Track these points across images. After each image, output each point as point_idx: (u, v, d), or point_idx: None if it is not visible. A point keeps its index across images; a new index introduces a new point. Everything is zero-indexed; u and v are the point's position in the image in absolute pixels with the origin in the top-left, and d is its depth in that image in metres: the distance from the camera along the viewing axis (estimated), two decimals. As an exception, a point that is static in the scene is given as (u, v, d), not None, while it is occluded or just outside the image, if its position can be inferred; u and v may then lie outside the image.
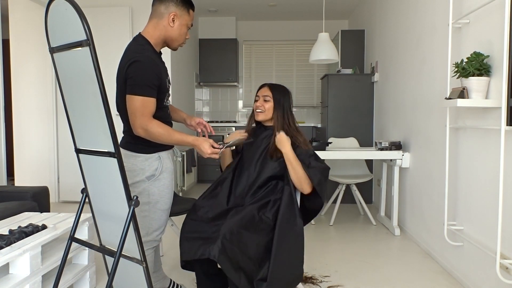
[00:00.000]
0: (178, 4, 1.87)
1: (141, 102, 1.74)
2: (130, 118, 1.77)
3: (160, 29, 1.87)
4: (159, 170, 1.91)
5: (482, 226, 2.32)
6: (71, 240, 1.79)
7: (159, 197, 1.93)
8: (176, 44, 1.95)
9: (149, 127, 1.75)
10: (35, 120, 4.90)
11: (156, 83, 1.80)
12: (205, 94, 6.91)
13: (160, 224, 1.98)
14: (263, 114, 2.11)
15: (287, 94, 2.15)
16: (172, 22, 1.86)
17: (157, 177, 1.91)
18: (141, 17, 4.69)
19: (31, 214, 2.52)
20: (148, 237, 1.93)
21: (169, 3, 1.86)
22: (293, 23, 6.73)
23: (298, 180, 2.03)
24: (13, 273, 1.90)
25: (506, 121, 2.01)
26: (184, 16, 1.89)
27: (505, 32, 1.99)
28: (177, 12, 1.86)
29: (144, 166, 1.89)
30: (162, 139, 1.80)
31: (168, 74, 1.97)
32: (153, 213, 1.93)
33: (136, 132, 1.77)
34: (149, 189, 1.90)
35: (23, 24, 4.85)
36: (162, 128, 1.78)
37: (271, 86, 2.13)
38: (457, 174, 2.62)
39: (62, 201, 4.92)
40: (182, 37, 1.93)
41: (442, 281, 2.63)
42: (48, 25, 1.57)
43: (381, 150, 3.64)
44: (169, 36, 1.90)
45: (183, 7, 1.88)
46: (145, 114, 1.75)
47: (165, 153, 1.95)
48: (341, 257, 3.06)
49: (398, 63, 3.90)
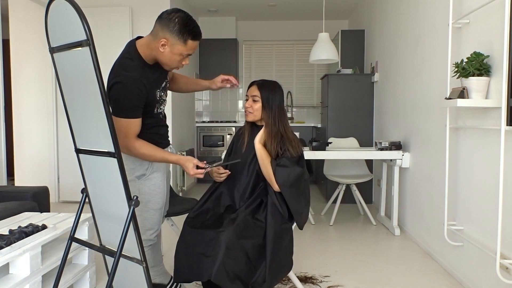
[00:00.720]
0: (173, 31, 1.72)
1: (124, 123, 1.75)
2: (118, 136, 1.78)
3: (151, 49, 1.78)
4: (150, 169, 1.93)
5: (482, 226, 2.32)
6: (71, 240, 1.79)
7: (150, 197, 1.94)
8: (167, 68, 1.87)
9: (131, 149, 1.80)
10: (35, 120, 4.90)
11: (140, 104, 1.77)
12: (205, 94, 6.91)
13: (153, 223, 1.99)
14: (252, 115, 2.06)
15: (277, 91, 2.05)
16: (162, 48, 1.75)
17: (148, 177, 1.93)
18: (141, 17, 4.69)
19: (31, 214, 2.52)
20: (142, 236, 1.92)
21: (165, 28, 1.73)
22: (293, 23, 6.73)
23: (267, 178, 2.00)
24: (13, 273, 1.90)
25: (506, 121, 2.01)
26: (178, 46, 1.75)
27: (505, 32, 1.99)
28: (170, 40, 1.73)
29: (135, 165, 1.91)
30: (146, 159, 1.85)
31: (165, 77, 1.95)
32: (145, 212, 1.95)
33: (121, 151, 1.75)
34: (140, 188, 1.92)
35: (23, 24, 4.85)
36: (145, 148, 1.82)
37: (260, 84, 2.05)
38: (457, 174, 2.62)
39: (62, 201, 4.92)
40: (173, 64, 1.82)
41: (442, 281, 2.63)
42: (48, 25, 1.57)
43: (381, 150, 3.64)
44: (159, 59, 1.81)
45: (178, 36, 1.73)
46: (128, 136, 1.77)
47: None
48: (341, 257, 3.06)
49: (398, 63, 3.90)
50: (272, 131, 2.02)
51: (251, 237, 1.87)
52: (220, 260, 1.73)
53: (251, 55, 6.82)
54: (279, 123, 2.03)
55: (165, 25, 1.73)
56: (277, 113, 2.03)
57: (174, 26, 1.72)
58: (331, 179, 4.10)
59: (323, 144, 3.69)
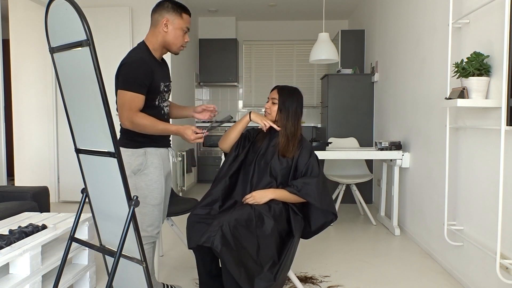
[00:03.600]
0: (169, 10, 1.98)
1: (130, 97, 1.87)
2: (119, 112, 1.89)
3: (156, 36, 2.00)
4: (144, 164, 2.00)
5: (482, 226, 2.32)
6: (71, 240, 1.79)
7: (147, 192, 2.00)
8: (174, 47, 2.05)
9: (134, 119, 1.88)
10: (35, 120, 4.90)
11: (146, 82, 1.91)
12: (205, 94, 6.91)
13: (153, 219, 2.04)
14: (270, 116, 2.24)
15: (295, 96, 2.21)
16: (165, 27, 1.98)
17: (143, 172, 1.99)
18: (141, 17, 4.70)
19: (31, 214, 2.52)
20: (143, 232, 1.98)
21: (162, 10, 1.99)
22: (293, 23, 6.73)
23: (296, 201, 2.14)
24: (13, 273, 1.90)
25: (506, 121, 2.01)
26: (177, 20, 1.99)
27: (505, 32, 1.99)
28: (169, 18, 1.98)
29: (131, 160, 1.98)
30: (147, 130, 1.92)
31: (168, 79, 2.08)
32: (143, 208, 1.99)
33: (124, 124, 1.90)
34: (137, 183, 1.98)
35: (23, 24, 4.85)
36: (147, 119, 1.90)
37: (280, 89, 2.23)
38: (457, 174, 2.62)
39: (62, 201, 4.92)
40: (178, 40, 2.02)
41: (442, 281, 2.63)
42: (48, 25, 1.57)
43: (381, 150, 3.64)
44: (165, 41, 2.02)
45: (174, 12, 1.98)
46: (132, 108, 1.88)
47: (153, 149, 2.03)
48: (341, 257, 3.06)
49: (398, 63, 3.90)
50: (289, 132, 2.17)
51: (253, 229, 1.95)
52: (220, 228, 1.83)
53: (251, 55, 6.82)
54: (293, 125, 2.18)
55: (160, 9, 1.99)
56: (292, 116, 2.18)
57: (168, 6, 1.98)
58: (331, 179, 4.10)
59: (323, 144, 3.69)
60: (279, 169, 2.15)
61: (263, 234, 1.96)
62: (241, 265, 1.82)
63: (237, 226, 1.88)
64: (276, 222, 2.01)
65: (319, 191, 2.09)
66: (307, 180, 2.10)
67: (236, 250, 1.83)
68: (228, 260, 1.79)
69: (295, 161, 2.16)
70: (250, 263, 1.86)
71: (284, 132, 2.17)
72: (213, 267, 2.08)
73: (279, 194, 2.09)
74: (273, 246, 1.97)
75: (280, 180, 2.16)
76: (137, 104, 1.89)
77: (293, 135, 2.17)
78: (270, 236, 1.97)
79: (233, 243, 1.83)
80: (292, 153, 2.15)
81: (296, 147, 2.17)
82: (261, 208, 2.03)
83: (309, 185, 2.08)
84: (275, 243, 1.98)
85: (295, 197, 2.10)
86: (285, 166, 2.15)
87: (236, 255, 1.82)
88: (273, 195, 2.08)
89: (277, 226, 2.01)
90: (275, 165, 2.16)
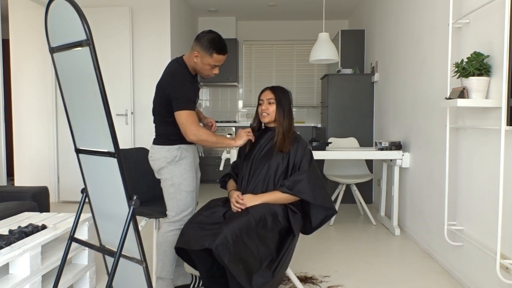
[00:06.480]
0: (202, 45, 2.16)
1: (187, 114, 2.10)
2: (182, 129, 2.11)
3: (190, 60, 2.23)
4: (178, 156, 2.23)
5: (482, 226, 2.32)
6: (71, 240, 1.79)
7: (181, 179, 2.22)
8: (202, 75, 2.28)
9: (198, 135, 2.11)
10: (35, 120, 4.90)
11: (194, 99, 2.17)
12: (205, 94, 6.91)
13: (187, 204, 2.23)
14: (269, 117, 2.26)
15: (286, 94, 2.28)
16: (196, 58, 2.19)
17: (177, 162, 2.22)
18: (141, 17, 4.69)
19: (31, 214, 2.52)
20: (176, 217, 2.21)
21: (197, 43, 2.19)
22: (293, 23, 6.73)
23: (291, 201, 2.16)
24: (13, 273, 1.90)
25: (506, 121, 2.01)
26: (206, 58, 2.18)
27: (505, 32, 1.99)
28: (200, 52, 2.17)
29: (167, 154, 2.22)
30: (207, 143, 2.16)
31: (198, 95, 2.32)
32: (178, 194, 2.21)
33: (189, 138, 2.12)
34: (172, 172, 2.21)
35: (23, 24, 4.85)
36: (208, 135, 2.15)
37: (272, 88, 2.28)
38: (457, 174, 2.62)
39: (62, 201, 4.92)
40: (205, 72, 2.24)
41: (442, 281, 2.63)
42: (48, 25, 1.57)
43: (381, 150, 3.64)
44: (194, 67, 2.24)
45: (205, 50, 2.16)
46: (193, 123, 2.11)
47: (185, 146, 2.25)
48: (341, 257, 3.06)
49: (398, 63, 3.90)
50: (285, 128, 2.22)
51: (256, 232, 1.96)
52: (224, 234, 1.83)
53: (251, 55, 6.82)
54: (288, 121, 2.25)
55: (198, 41, 2.19)
56: (287, 113, 2.24)
57: (204, 43, 2.16)
58: (331, 179, 4.10)
59: (323, 144, 3.69)
60: (275, 164, 2.18)
61: (264, 232, 1.97)
62: (239, 262, 1.83)
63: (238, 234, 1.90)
64: (276, 221, 2.02)
65: (312, 186, 2.10)
66: (297, 178, 2.11)
67: (234, 246, 1.83)
68: (225, 257, 1.79)
69: (291, 156, 2.19)
70: (250, 259, 1.87)
71: (281, 129, 2.20)
72: (215, 268, 2.09)
73: (272, 197, 2.11)
74: (272, 242, 1.98)
75: (278, 176, 2.18)
76: (194, 118, 2.12)
77: (288, 130, 2.21)
78: (270, 232, 1.99)
79: (231, 241, 1.84)
80: (288, 147, 2.19)
81: (291, 142, 2.20)
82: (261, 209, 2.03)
83: (300, 182, 2.10)
84: (274, 240, 2.00)
85: (289, 197, 2.11)
86: (281, 162, 2.18)
87: (234, 252, 1.82)
88: (263, 201, 2.09)
89: (277, 223, 2.02)
90: (272, 161, 2.19)
